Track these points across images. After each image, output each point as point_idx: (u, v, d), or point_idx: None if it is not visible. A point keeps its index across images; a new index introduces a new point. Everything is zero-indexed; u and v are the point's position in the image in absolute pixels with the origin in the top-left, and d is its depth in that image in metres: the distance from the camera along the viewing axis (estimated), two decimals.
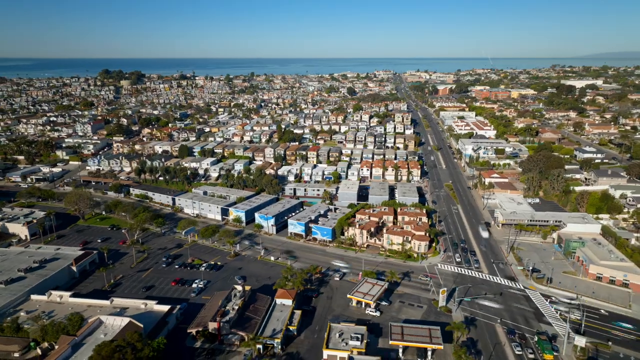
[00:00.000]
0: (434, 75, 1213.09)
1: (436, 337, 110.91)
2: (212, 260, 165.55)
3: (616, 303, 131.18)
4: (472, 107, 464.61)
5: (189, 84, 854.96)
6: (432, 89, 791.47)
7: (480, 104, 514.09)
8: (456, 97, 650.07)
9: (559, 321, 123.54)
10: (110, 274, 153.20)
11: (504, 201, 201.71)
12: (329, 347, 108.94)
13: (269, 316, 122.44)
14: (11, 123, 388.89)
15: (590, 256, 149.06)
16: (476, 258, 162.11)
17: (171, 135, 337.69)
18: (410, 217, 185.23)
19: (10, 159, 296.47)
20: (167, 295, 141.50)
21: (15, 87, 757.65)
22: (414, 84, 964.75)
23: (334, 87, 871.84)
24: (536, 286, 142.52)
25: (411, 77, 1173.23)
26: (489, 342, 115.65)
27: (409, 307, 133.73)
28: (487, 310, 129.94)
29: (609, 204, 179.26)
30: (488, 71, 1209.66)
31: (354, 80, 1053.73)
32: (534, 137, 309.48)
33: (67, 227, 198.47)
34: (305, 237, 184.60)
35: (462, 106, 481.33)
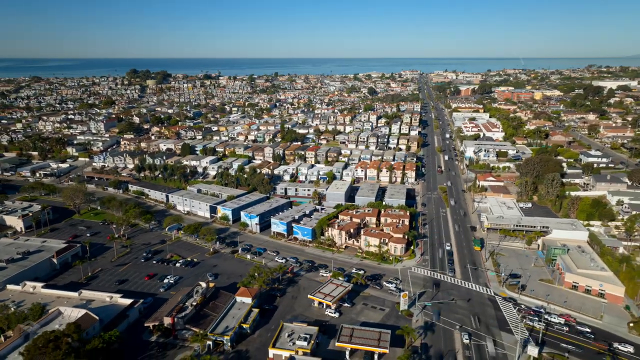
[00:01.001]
0: (461, 75, 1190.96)
1: (384, 341, 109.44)
2: (189, 257, 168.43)
3: (587, 313, 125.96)
4: (487, 109, 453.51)
5: (212, 84, 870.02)
6: (454, 89, 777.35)
7: (499, 105, 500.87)
8: (476, 98, 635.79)
9: (523, 330, 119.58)
10: (88, 267, 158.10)
11: (494, 205, 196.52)
12: (275, 346, 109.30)
13: (226, 313, 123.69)
14: (32, 120, 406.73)
15: (569, 264, 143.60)
16: (452, 263, 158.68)
17: (179, 134, 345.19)
18: (392, 219, 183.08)
19: (25, 154, 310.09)
20: (137, 290, 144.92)
21: (48, 86, 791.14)
22: (437, 84, 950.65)
23: (356, 87, 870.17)
24: (508, 293, 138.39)
25: (436, 78, 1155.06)
26: (442, 349, 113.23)
27: (371, 309, 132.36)
28: (450, 316, 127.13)
29: (600, 210, 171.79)
30: (518, 71, 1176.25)
31: (377, 80, 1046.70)
32: (542, 140, 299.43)
33: (63, 220, 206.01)
34: (287, 237, 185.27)
35: (479, 107, 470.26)
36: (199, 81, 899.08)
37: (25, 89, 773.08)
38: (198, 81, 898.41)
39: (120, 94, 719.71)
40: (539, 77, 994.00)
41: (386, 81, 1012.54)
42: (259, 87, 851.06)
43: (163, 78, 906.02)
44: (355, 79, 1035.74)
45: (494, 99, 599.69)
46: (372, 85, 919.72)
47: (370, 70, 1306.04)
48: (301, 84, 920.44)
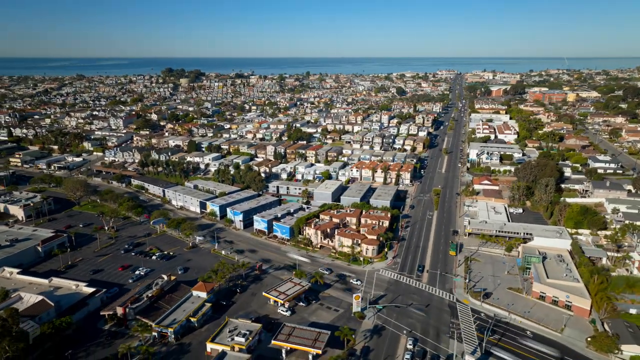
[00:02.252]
0: (499, 75, 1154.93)
1: (320, 342, 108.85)
2: (167, 250, 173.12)
3: (548, 325, 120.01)
4: (510, 110, 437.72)
5: (242, 83, 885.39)
6: (485, 90, 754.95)
7: (524, 106, 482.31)
8: (505, 99, 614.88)
9: (473, 338, 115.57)
10: (68, 256, 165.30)
11: (483, 210, 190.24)
12: (214, 340, 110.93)
13: (178, 307, 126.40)
14: (60, 116, 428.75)
15: (540, 273, 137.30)
16: (423, 267, 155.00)
17: (191, 131, 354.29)
18: (372, 220, 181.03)
19: (47, 148, 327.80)
20: (108, 280, 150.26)
21: (87, 84, 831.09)
22: (471, 84, 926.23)
23: (385, 87, 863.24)
24: (471, 300, 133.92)
25: (472, 78, 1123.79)
26: (382, 353, 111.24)
27: (325, 309, 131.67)
28: (402, 320, 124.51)
29: (589, 218, 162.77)
30: (561, 72, 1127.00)
31: (409, 80, 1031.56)
32: (556, 143, 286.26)
33: (62, 211, 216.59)
34: (268, 234, 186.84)
35: (501, 108, 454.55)
36: (230, 80, 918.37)
37: (68, 86, 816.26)
38: (229, 80, 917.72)
39: (152, 91, 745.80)
40: (582, 78, 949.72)
41: (418, 81, 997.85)
42: (287, 86, 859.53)
43: (196, 77, 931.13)
44: (387, 79, 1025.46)
45: (524, 100, 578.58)
46: (403, 85, 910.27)
47: (407, 70, 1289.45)
48: (330, 83, 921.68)
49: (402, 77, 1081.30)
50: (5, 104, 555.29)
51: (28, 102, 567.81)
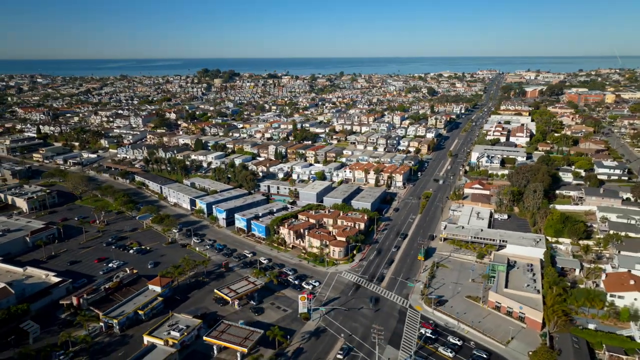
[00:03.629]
0: (542, 75, 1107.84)
1: (250, 340, 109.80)
2: (146, 245, 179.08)
3: (494, 337, 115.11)
4: (534, 112, 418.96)
5: (273, 83, 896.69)
6: (519, 90, 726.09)
7: (553, 107, 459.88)
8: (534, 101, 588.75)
9: (412, 346, 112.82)
10: (52, 248, 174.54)
11: (466, 215, 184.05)
12: (151, 334, 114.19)
13: (131, 299, 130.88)
14: (87, 114, 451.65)
15: (500, 283, 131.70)
16: (386, 270, 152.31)
17: (203, 130, 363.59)
18: (348, 221, 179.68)
19: (69, 145, 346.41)
20: (81, 271, 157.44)
21: (127, 84, 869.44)
22: (508, 84, 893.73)
23: (417, 87, 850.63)
24: (423, 307, 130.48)
25: (511, 78, 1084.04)
26: (313, 356, 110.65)
27: (274, 309, 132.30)
28: (346, 324, 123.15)
29: (569, 227, 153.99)
30: (612, 71, 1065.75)
31: (444, 80, 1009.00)
32: (569, 147, 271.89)
33: (64, 205, 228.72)
34: (247, 232, 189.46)
35: (525, 110, 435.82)
36: (262, 80, 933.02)
37: (109, 86, 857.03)
38: (262, 80, 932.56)
39: (186, 91, 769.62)
40: (633, 78, 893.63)
41: (453, 81, 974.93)
42: (317, 86, 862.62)
43: (229, 77, 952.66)
44: (420, 79, 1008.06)
45: (556, 102, 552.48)
46: (436, 85, 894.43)
47: (446, 69, 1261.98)
48: (362, 83, 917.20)
49: (439, 77, 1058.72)
50: (46, 103, 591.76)
51: (67, 101, 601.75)
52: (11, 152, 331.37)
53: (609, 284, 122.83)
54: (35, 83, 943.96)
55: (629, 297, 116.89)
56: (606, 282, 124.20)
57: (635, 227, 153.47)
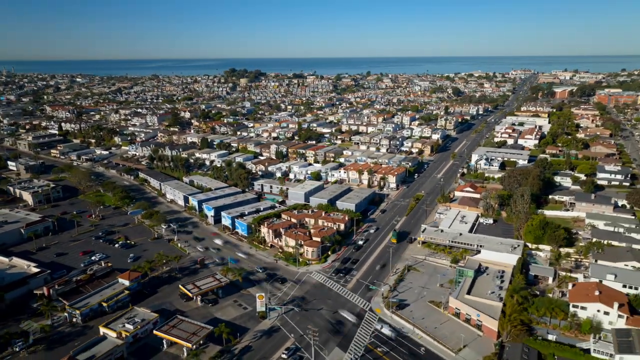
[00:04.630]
0: (578, 75, 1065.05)
1: (196, 336, 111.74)
2: (132, 240, 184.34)
3: (447, 344, 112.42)
4: (553, 113, 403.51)
5: (297, 83, 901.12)
6: (548, 91, 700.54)
7: (577, 109, 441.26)
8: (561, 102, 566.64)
9: (360, 349, 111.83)
10: (43, 240, 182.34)
11: (449, 218, 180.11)
12: (108, 325, 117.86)
13: (99, 291, 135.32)
14: (108, 112, 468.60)
15: (463, 289, 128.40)
16: (354, 272, 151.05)
17: (213, 129, 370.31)
18: (328, 222, 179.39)
19: (86, 141, 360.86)
20: (65, 263, 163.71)
21: (156, 84, 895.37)
22: (539, 85, 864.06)
23: (443, 87, 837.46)
24: (383, 311, 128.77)
25: (545, 78, 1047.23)
26: (259, 354, 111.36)
27: (235, 307, 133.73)
28: (302, 324, 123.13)
29: (549, 233, 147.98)
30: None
31: (473, 80, 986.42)
32: (579, 150, 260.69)
33: (68, 199, 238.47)
34: (232, 230, 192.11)
35: (545, 111, 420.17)
36: (287, 80, 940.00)
37: (139, 85, 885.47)
38: (286, 80, 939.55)
39: (213, 91, 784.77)
40: None
41: (481, 81, 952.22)
42: (342, 85, 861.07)
43: (255, 77, 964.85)
44: (447, 79, 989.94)
45: (582, 103, 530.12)
46: (463, 85, 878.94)
47: (482, 69, 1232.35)
48: (387, 83, 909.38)
49: (468, 77, 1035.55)
50: (76, 101, 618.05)
51: (95, 100, 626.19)
52: (32, 147, 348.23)
53: (574, 294, 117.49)
54: (73, 82, 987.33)
55: (591, 308, 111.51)
56: (571, 292, 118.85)
57: (620, 236, 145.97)
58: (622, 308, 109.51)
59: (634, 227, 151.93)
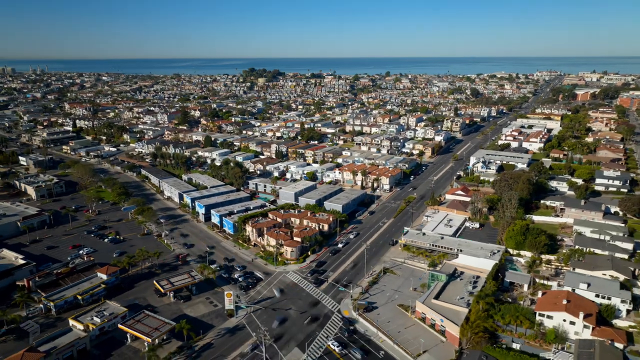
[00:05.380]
0: (606, 77, 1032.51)
1: (158, 332, 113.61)
2: (122, 235, 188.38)
3: (407, 348, 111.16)
4: (567, 116, 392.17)
5: (315, 82, 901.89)
6: (569, 93, 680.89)
7: (594, 112, 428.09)
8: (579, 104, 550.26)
9: (320, 350, 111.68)
10: (37, 233, 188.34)
11: (435, 221, 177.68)
12: (77, 318, 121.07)
13: (76, 284, 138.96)
14: (122, 110, 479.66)
15: (431, 293, 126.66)
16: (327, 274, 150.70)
17: (220, 127, 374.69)
18: (313, 222, 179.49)
19: (97, 138, 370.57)
20: (53, 256, 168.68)
21: (176, 82, 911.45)
22: (563, 86, 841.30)
23: (462, 88, 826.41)
24: (351, 313, 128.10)
25: (569, 80, 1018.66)
26: (219, 351, 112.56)
27: (207, 304, 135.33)
28: (268, 323, 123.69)
29: (530, 239, 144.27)
30: None
31: (494, 81, 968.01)
32: (584, 154, 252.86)
33: (70, 194, 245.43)
34: (220, 228, 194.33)
35: (558, 114, 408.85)
36: (305, 80, 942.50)
37: (159, 84, 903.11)
38: (304, 80, 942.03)
39: (230, 90, 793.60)
40: None
41: (503, 82, 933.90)
42: (359, 86, 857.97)
43: (273, 76, 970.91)
44: (467, 80, 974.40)
45: (603, 105, 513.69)
46: (483, 86, 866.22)
47: (506, 70, 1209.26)
48: (405, 83, 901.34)
49: (490, 79, 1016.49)
50: (97, 99, 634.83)
51: (114, 98, 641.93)
52: (46, 143, 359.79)
53: (542, 302, 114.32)
54: (98, 80, 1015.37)
55: (557, 317, 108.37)
56: (540, 301, 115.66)
57: (603, 244, 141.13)
58: (588, 318, 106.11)
59: (620, 235, 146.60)
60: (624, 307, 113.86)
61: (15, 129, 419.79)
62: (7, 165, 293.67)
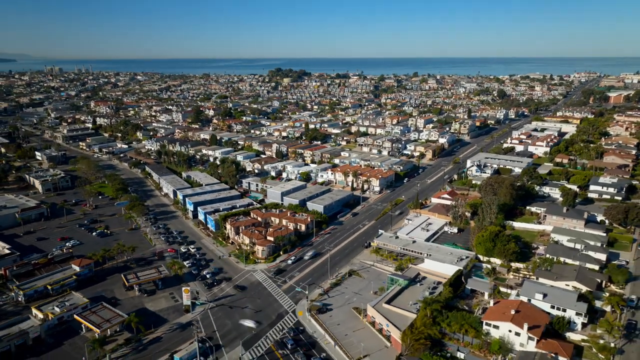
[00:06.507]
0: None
1: (108, 323, 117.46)
2: (110, 230, 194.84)
3: (348, 352, 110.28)
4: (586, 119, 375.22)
5: (339, 83, 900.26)
6: (601, 95, 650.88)
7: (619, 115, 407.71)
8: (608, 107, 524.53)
9: (262, 349, 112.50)
10: (33, 225, 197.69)
11: (413, 225, 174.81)
12: (39, 307, 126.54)
13: (50, 275, 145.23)
14: (140, 109, 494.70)
15: (385, 297, 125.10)
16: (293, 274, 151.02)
17: (230, 126, 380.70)
18: (291, 222, 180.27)
19: (113, 135, 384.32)
20: (41, 247, 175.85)
21: (203, 82, 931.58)
22: (598, 88, 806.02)
23: (490, 89, 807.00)
24: (305, 314, 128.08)
25: (607, 81, 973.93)
26: (164, 345, 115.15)
27: (169, 298, 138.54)
28: (220, 320, 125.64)
29: (499, 246, 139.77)
30: None
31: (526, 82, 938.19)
32: (591, 160, 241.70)
33: (74, 188, 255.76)
34: (205, 225, 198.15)
35: (577, 117, 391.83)
36: (329, 80, 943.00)
37: (187, 83, 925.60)
38: (329, 80, 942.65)
39: (254, 90, 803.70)
40: None
41: (533, 84, 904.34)
42: (382, 86, 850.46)
43: (299, 76, 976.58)
44: (497, 81, 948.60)
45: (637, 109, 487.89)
46: (512, 87, 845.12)
47: (544, 71, 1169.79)
48: (431, 84, 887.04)
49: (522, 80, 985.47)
50: (124, 98, 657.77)
51: (140, 96, 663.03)
52: (65, 140, 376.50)
53: (491, 311, 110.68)
54: (133, 80, 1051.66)
55: (503, 327, 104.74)
56: (490, 310, 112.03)
57: (575, 254, 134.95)
58: (534, 330, 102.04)
59: (598, 245, 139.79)
60: (579, 320, 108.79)
61: (41, 125, 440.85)
62: (25, 159, 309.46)
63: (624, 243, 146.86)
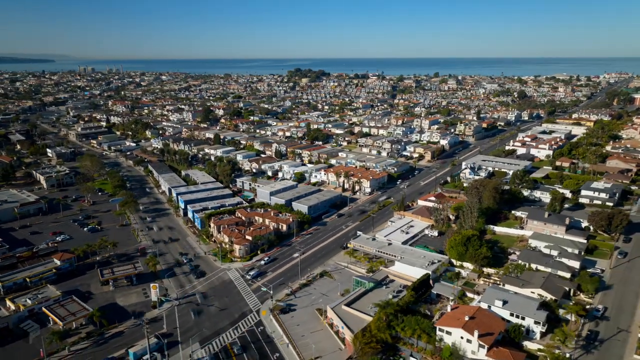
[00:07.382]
0: None
1: (72, 316, 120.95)
2: (102, 226, 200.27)
3: (301, 353, 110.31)
4: (600, 121, 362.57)
5: (357, 83, 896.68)
6: (625, 97, 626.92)
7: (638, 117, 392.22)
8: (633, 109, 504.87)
9: (217, 347, 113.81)
10: (30, 219, 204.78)
11: (393, 227, 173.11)
12: (13, 298, 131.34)
13: (31, 268, 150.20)
14: (155, 108, 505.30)
15: (346, 299, 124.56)
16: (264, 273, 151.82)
17: (236, 126, 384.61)
18: (272, 222, 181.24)
19: (124, 134, 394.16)
20: (32, 240, 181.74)
21: (222, 82, 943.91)
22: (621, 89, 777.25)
23: (512, 89, 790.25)
24: (267, 313, 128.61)
25: (637, 82, 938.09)
26: (123, 340, 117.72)
27: (140, 294, 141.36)
28: (184, 317, 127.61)
29: (471, 251, 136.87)
30: None
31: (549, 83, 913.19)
32: (593, 164, 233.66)
33: (76, 185, 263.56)
34: (192, 222, 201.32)
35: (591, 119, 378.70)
36: (347, 79, 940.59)
37: (207, 83, 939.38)
38: (347, 80, 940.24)
39: (272, 90, 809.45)
40: None
41: (557, 84, 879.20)
42: (401, 87, 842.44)
43: (317, 77, 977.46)
44: (519, 81, 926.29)
45: None
46: (534, 88, 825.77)
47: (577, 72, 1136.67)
48: (451, 85, 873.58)
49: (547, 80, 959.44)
50: (143, 97, 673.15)
51: (158, 95, 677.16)
52: (79, 137, 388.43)
53: (446, 317, 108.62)
54: (156, 80, 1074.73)
55: (455, 334, 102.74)
56: (445, 316, 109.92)
57: (547, 260, 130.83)
58: (485, 337, 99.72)
59: (575, 253, 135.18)
60: (538, 329, 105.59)
61: (58, 123, 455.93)
62: (36, 156, 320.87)
63: (604, 250, 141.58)
